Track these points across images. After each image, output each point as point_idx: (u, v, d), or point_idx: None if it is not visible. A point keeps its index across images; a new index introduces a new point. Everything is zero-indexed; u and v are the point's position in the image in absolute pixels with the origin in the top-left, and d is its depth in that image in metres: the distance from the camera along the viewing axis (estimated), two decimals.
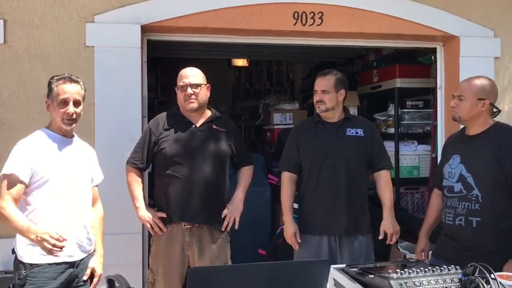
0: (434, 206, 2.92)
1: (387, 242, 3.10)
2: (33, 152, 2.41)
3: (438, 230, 2.85)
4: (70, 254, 2.46)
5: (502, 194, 2.55)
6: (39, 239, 2.27)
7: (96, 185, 2.75)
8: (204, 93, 3.03)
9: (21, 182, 2.37)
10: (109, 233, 2.86)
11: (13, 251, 2.47)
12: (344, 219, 3.01)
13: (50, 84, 2.51)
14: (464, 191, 2.61)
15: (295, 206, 3.20)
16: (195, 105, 2.98)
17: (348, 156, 3.06)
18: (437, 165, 3.11)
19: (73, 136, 2.61)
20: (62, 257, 2.41)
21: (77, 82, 2.53)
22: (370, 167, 3.16)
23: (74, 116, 2.49)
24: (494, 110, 2.68)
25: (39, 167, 2.40)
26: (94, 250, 2.65)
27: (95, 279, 2.58)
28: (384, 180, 3.14)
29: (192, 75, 3.01)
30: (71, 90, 2.49)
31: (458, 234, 2.62)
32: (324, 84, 3.09)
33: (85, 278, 2.56)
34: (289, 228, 3.09)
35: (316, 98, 3.11)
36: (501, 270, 2.08)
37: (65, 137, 2.54)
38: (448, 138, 3.02)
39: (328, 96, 3.07)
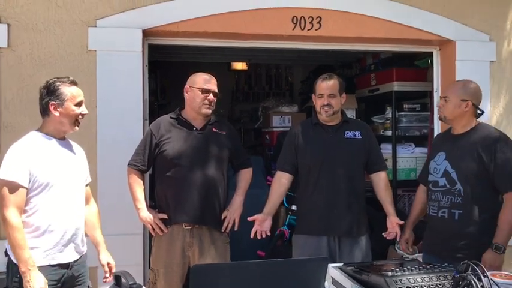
0: (419, 200, 3.12)
1: (387, 235, 3.07)
2: (31, 156, 2.38)
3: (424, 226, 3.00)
4: (65, 256, 2.47)
5: (483, 188, 2.73)
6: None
7: (87, 184, 2.74)
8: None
9: (23, 187, 2.34)
10: (111, 234, 2.91)
11: (6, 253, 2.45)
12: (343, 220, 3.05)
13: (54, 86, 2.47)
14: (448, 185, 2.79)
15: (293, 207, 3.23)
16: (210, 111, 3.08)
17: (347, 158, 3.10)
18: (425, 162, 3.22)
19: (65, 138, 2.60)
20: (57, 259, 2.43)
21: (77, 84, 2.56)
22: (366, 168, 3.20)
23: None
24: (478, 111, 2.84)
25: (39, 171, 2.38)
26: (98, 245, 2.70)
27: (113, 270, 2.64)
28: (384, 182, 3.17)
29: (214, 83, 3.12)
30: (80, 92, 2.54)
31: (441, 226, 2.80)
32: (331, 88, 3.12)
33: (107, 275, 2.64)
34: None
35: (323, 101, 3.10)
36: None
37: (59, 139, 2.53)
38: (436, 137, 3.22)
39: (335, 100, 3.11)
